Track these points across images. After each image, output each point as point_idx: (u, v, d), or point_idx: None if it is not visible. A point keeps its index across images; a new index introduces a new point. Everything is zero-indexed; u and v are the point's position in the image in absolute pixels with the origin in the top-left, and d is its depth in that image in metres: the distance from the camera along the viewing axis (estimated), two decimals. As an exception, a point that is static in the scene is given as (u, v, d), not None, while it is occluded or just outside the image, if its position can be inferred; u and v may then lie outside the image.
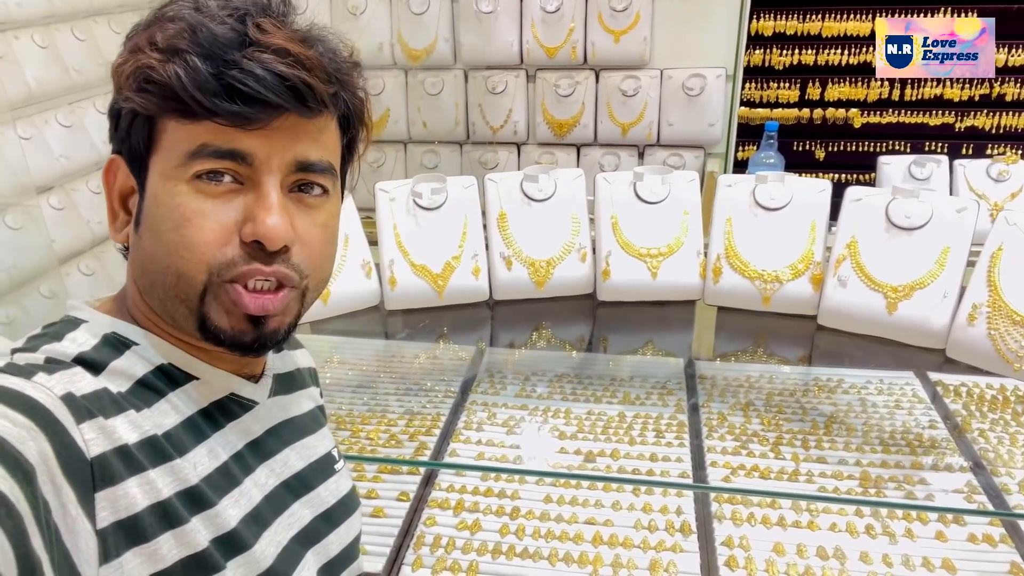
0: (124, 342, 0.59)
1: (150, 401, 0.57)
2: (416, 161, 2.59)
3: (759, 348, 1.64)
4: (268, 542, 0.63)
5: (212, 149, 0.55)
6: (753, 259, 1.46)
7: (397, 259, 1.49)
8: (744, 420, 1.58)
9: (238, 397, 0.66)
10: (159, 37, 0.55)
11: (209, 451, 0.60)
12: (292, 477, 0.70)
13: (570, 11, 2.36)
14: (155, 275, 0.58)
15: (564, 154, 2.54)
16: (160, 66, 0.54)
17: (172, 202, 0.56)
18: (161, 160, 0.57)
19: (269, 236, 0.56)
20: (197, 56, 0.53)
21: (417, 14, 2.40)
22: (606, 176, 1.54)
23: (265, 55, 0.54)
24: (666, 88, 2.41)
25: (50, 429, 0.47)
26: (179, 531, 0.54)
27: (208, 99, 0.53)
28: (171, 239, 0.56)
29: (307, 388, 0.80)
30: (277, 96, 0.54)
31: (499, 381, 1.71)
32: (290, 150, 0.57)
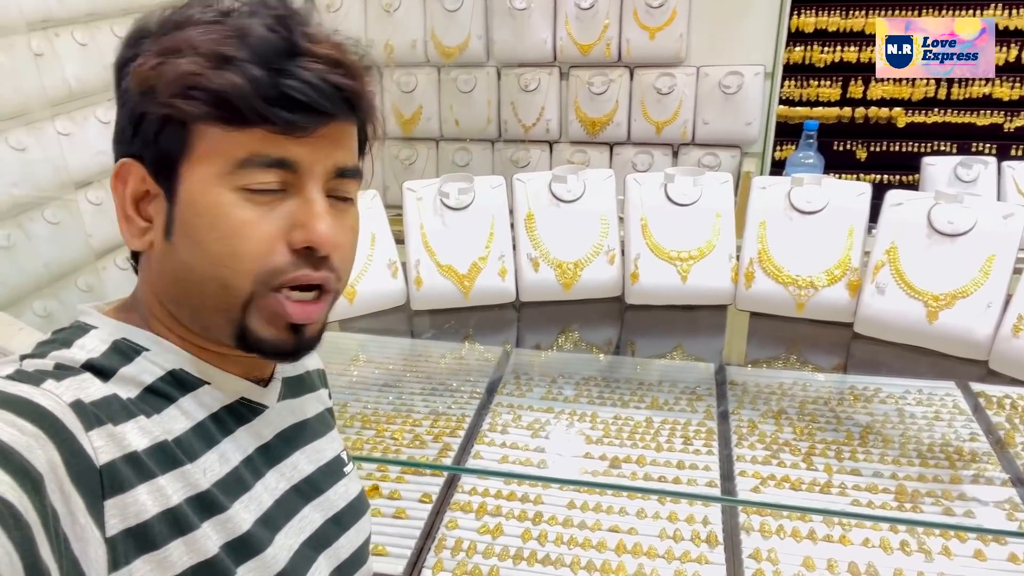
0: (134, 348, 0.58)
1: (160, 407, 0.57)
2: (448, 159, 2.59)
3: (792, 355, 1.59)
4: (280, 546, 0.63)
5: (262, 158, 0.55)
6: (787, 264, 1.42)
7: (423, 259, 1.48)
8: (776, 429, 1.54)
9: (248, 401, 0.65)
10: (200, 41, 0.54)
11: (220, 456, 0.60)
12: (302, 481, 0.70)
13: (605, 7, 2.33)
14: (192, 284, 0.57)
15: (597, 153, 2.51)
16: (212, 73, 0.53)
17: (217, 211, 0.55)
18: (200, 167, 0.55)
19: (322, 241, 0.56)
20: (252, 64, 0.53)
21: (451, 11, 2.39)
22: (636, 177, 1.52)
23: (317, 64, 0.55)
24: (702, 86, 2.37)
25: (59, 437, 0.47)
26: (189, 538, 0.54)
27: (265, 107, 0.53)
28: (217, 249, 0.55)
29: (316, 391, 0.79)
30: (332, 105, 0.55)
31: (525, 383, 1.69)
32: (331, 157, 0.58)
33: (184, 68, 0.53)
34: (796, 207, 1.43)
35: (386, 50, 2.47)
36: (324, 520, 0.71)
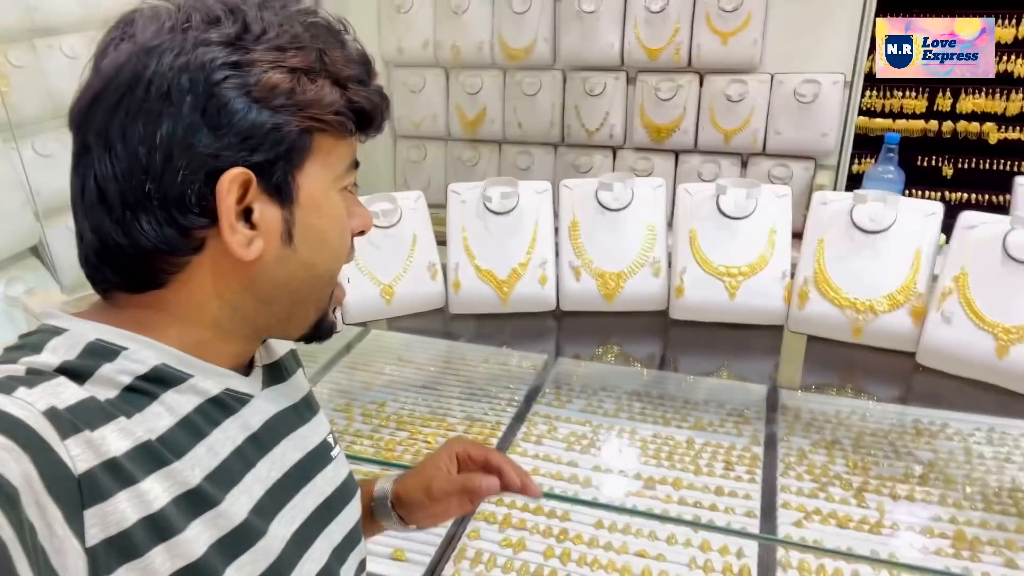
0: (111, 348, 0.56)
1: (141, 405, 0.55)
2: (510, 162, 2.57)
3: (848, 383, 1.49)
4: (274, 536, 0.62)
5: (355, 162, 0.64)
6: (846, 285, 1.33)
7: (463, 262, 1.46)
8: (827, 459, 1.45)
9: (233, 392, 0.64)
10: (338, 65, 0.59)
11: (208, 448, 0.59)
12: (292, 468, 0.68)
13: (676, 11, 2.26)
14: (307, 282, 0.62)
15: (661, 160, 2.44)
16: (355, 91, 0.60)
17: (336, 211, 0.62)
18: (318, 173, 0.60)
19: (369, 227, 0.68)
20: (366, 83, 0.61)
21: (518, 13, 2.37)
22: (688, 187, 1.45)
23: (375, 86, 0.62)
24: (776, 94, 2.27)
25: (33, 448, 0.46)
26: (172, 543, 0.53)
27: (377, 123, 0.63)
28: (339, 245, 0.63)
29: (296, 373, 0.78)
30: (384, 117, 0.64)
31: (565, 394, 1.65)
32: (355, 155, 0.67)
33: (333, 89, 0.59)
34: (858, 225, 1.33)
35: (452, 52, 2.47)
36: (316, 506, 0.70)
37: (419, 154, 2.67)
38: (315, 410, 0.78)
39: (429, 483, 0.88)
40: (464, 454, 0.90)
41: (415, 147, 2.68)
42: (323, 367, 1.79)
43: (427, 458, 0.92)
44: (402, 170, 2.71)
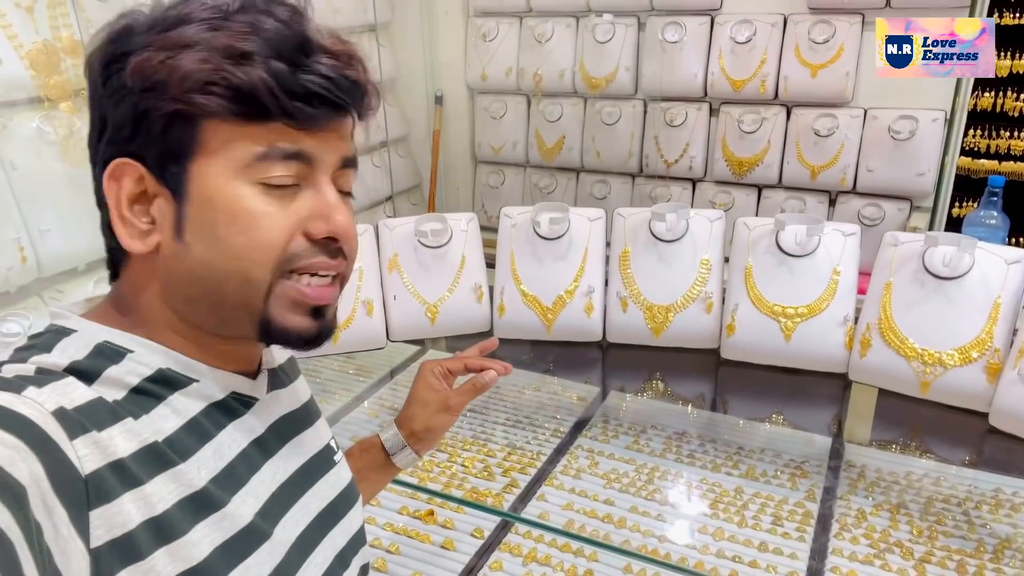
0: (118, 351, 0.57)
1: (148, 407, 0.56)
2: (586, 191, 2.54)
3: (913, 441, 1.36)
4: (277, 540, 0.62)
5: (281, 151, 0.56)
6: (913, 335, 1.22)
7: (508, 287, 1.44)
8: (889, 524, 1.33)
9: (239, 395, 0.65)
10: (209, 36, 0.53)
11: (215, 451, 0.59)
12: (296, 472, 0.69)
13: (763, 42, 2.18)
14: (211, 282, 0.57)
15: (742, 195, 2.35)
16: (231, 68, 0.53)
17: (237, 205, 0.55)
18: (215, 163, 0.55)
19: (343, 232, 0.59)
20: (275, 60, 0.54)
21: (601, 42, 2.36)
22: (747, 221, 1.38)
23: (331, 59, 0.56)
24: (869, 130, 2.14)
25: (41, 448, 0.46)
26: (174, 546, 0.53)
27: (290, 103, 0.54)
28: (239, 243, 0.55)
29: (297, 378, 0.79)
30: (345, 98, 0.57)
31: (613, 429, 1.60)
32: (338, 149, 0.60)
33: (199, 64, 0.53)
34: (930, 270, 1.22)
35: (535, 79, 2.49)
36: (320, 510, 0.70)
37: (498, 179, 2.69)
38: (317, 415, 0.78)
39: (446, 403, 0.99)
40: (444, 372, 1.00)
41: (494, 172, 2.70)
42: (376, 383, 1.81)
43: (418, 392, 1.00)
44: (480, 195, 2.73)
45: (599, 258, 1.45)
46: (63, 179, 1.53)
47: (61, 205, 1.54)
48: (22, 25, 1.47)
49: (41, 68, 1.51)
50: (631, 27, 2.34)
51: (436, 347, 1.91)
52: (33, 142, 1.50)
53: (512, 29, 2.51)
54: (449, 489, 1.43)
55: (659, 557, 1.26)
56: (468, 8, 2.59)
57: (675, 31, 2.25)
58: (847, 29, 2.08)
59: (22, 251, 1.49)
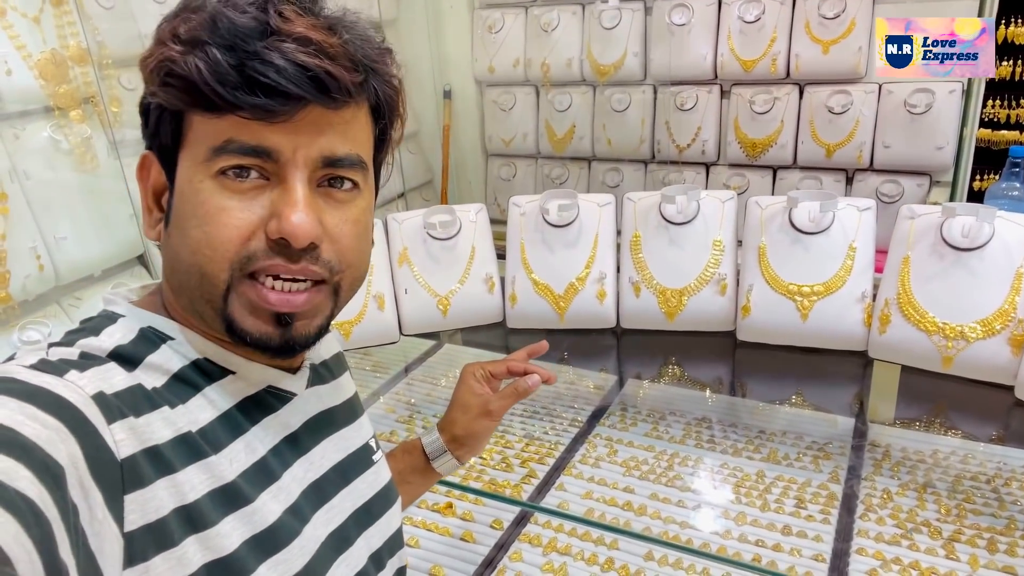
0: (160, 336, 0.58)
1: (185, 396, 0.56)
2: (598, 179, 2.52)
3: (937, 418, 1.33)
4: (308, 537, 0.62)
5: (237, 145, 0.54)
6: (933, 308, 1.19)
7: (519, 276, 1.43)
8: (916, 504, 1.30)
9: (276, 390, 0.64)
10: (182, 29, 0.54)
11: (246, 445, 0.59)
12: (331, 470, 0.68)
13: (772, 20, 2.14)
14: (182, 275, 0.57)
15: (757, 177, 2.31)
16: (181, 59, 0.53)
17: (197, 199, 0.55)
18: (188, 156, 0.56)
19: (295, 234, 0.54)
20: (218, 48, 0.52)
21: (607, 29, 2.34)
22: (759, 200, 1.36)
23: (286, 44, 0.52)
24: (884, 105, 2.09)
25: (80, 430, 0.46)
26: (203, 535, 0.53)
27: (229, 92, 0.52)
28: (195, 236, 0.55)
29: (342, 375, 0.78)
30: (298, 87, 0.52)
31: (631, 416, 1.58)
32: (315, 144, 0.55)
33: (164, 55, 0.54)
34: (949, 242, 1.19)
35: (543, 69, 2.47)
36: (355, 509, 0.69)
37: (509, 172, 2.68)
38: (359, 413, 0.78)
39: (486, 408, 0.94)
40: (486, 375, 0.97)
41: (505, 165, 2.69)
42: (391, 378, 1.81)
43: (459, 396, 0.97)
44: (492, 187, 2.72)
45: (610, 244, 1.44)
46: (77, 187, 1.55)
47: (76, 213, 1.55)
48: (29, 35, 1.48)
49: (50, 77, 1.52)
50: (637, 12, 2.31)
51: (451, 340, 1.91)
52: (45, 151, 1.52)
53: (518, 20, 2.50)
54: (467, 481, 1.43)
55: (681, 543, 1.24)
56: (473, 0, 2.57)
57: (682, 13, 2.22)
58: (858, 3, 2.04)
59: (39, 259, 1.50)
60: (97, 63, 1.60)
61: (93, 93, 1.60)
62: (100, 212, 1.62)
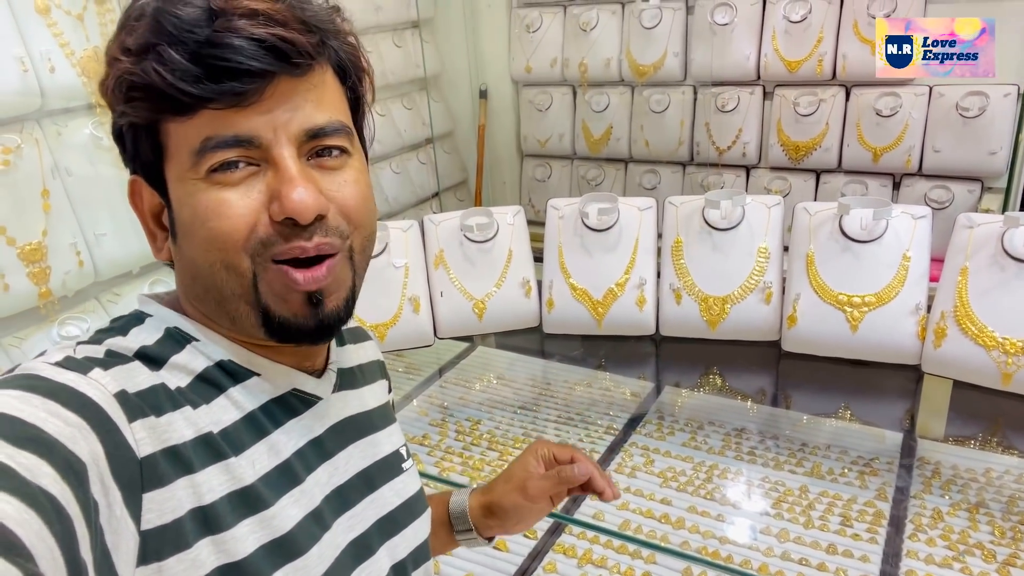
0: (185, 337, 0.58)
1: (209, 397, 0.56)
2: (635, 181, 2.48)
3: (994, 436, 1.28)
4: (328, 544, 0.60)
5: (216, 140, 0.53)
6: (992, 322, 1.14)
7: (557, 280, 1.40)
8: (968, 524, 1.25)
9: (301, 393, 0.63)
10: (129, 40, 0.53)
11: (269, 448, 0.59)
12: (355, 476, 0.67)
13: (819, 20, 2.09)
14: (204, 278, 0.57)
15: (800, 180, 2.26)
16: (137, 68, 0.52)
17: (193, 201, 0.54)
18: (174, 165, 0.55)
19: (299, 210, 0.53)
20: (168, 46, 0.51)
21: (648, 28, 2.30)
22: (808, 206, 1.31)
23: (236, 22, 0.51)
24: (935, 108, 2.03)
25: (102, 428, 0.47)
26: (218, 538, 0.52)
27: (194, 86, 0.51)
28: (203, 236, 0.55)
29: (375, 382, 0.76)
30: (260, 62, 0.51)
31: (668, 425, 1.55)
32: (294, 120, 0.55)
33: (120, 71, 0.53)
34: (1011, 253, 1.14)
35: (580, 69, 2.44)
36: (379, 517, 0.68)
37: (544, 172, 2.65)
38: (391, 420, 0.76)
39: (524, 484, 0.85)
40: (549, 456, 0.87)
41: (540, 165, 2.66)
42: (424, 381, 1.80)
43: (513, 465, 0.88)
44: (527, 189, 2.70)
45: (650, 249, 1.40)
46: (117, 184, 1.55)
47: (116, 210, 1.56)
48: (73, 32, 1.49)
49: (92, 75, 1.53)
50: (679, 11, 2.27)
51: (485, 343, 1.89)
52: (87, 148, 1.53)
53: (556, 19, 2.47)
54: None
55: (720, 560, 1.21)
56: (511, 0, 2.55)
57: (725, 13, 2.18)
58: (909, 3, 1.97)
59: (79, 255, 1.51)
60: (139, 61, 1.60)
61: (135, 90, 1.60)
62: (140, 209, 1.63)
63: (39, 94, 1.42)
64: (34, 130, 1.43)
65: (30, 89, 1.40)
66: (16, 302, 1.40)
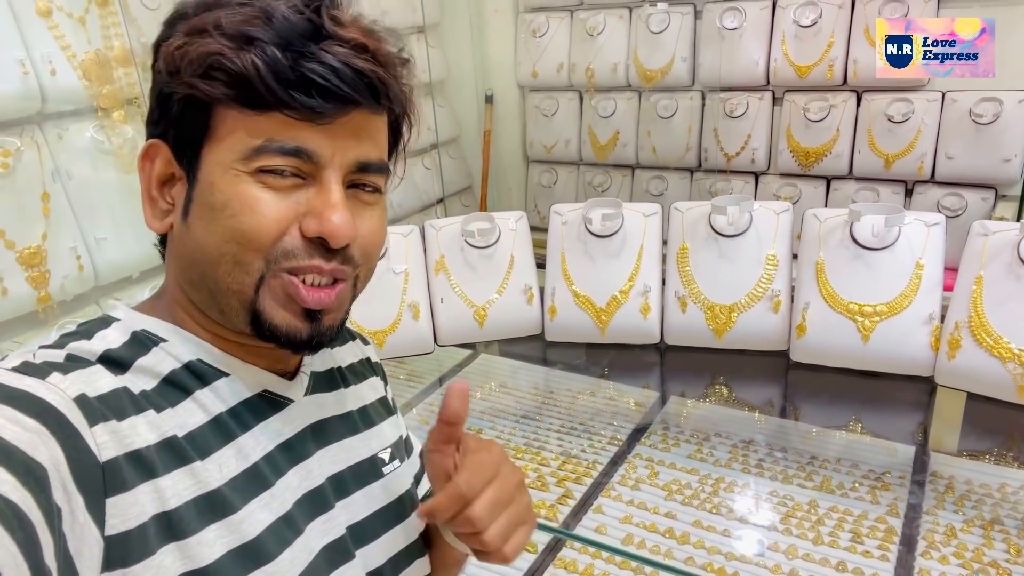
0: (152, 339, 0.57)
1: (175, 400, 0.56)
2: (642, 187, 2.46)
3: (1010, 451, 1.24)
4: (301, 548, 0.59)
5: (278, 145, 0.54)
6: (1009, 334, 1.10)
7: (559, 287, 1.38)
8: (983, 542, 1.21)
9: (271, 394, 0.62)
10: (226, 21, 0.53)
11: (237, 451, 0.58)
12: (328, 480, 0.65)
13: (830, 24, 2.06)
14: (206, 265, 0.56)
15: (810, 187, 2.22)
16: (233, 54, 0.52)
17: (233, 191, 0.55)
18: (220, 150, 0.55)
19: (336, 234, 0.55)
20: (274, 46, 0.52)
21: (655, 33, 2.27)
22: (817, 212, 1.28)
23: (342, 48, 0.54)
24: (948, 114, 1.99)
25: (62, 433, 0.46)
26: (184, 544, 0.51)
27: (284, 91, 0.52)
28: (229, 225, 0.55)
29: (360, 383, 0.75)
30: (354, 91, 0.54)
31: (673, 436, 1.51)
32: (353, 149, 0.57)
33: (207, 48, 0.53)
34: (1028, 262, 1.10)
35: (587, 74, 2.42)
36: (353, 523, 0.66)
37: (550, 178, 2.63)
38: (373, 423, 0.73)
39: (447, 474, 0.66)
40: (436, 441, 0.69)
41: (547, 171, 2.64)
42: (425, 389, 1.77)
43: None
44: (533, 194, 2.67)
45: (655, 256, 1.37)
46: (118, 188, 1.54)
47: (116, 214, 1.55)
48: (74, 35, 1.48)
49: (94, 78, 1.52)
50: (687, 15, 2.25)
51: (488, 351, 1.86)
52: (88, 152, 1.52)
53: (563, 24, 2.45)
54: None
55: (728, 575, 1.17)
56: (518, 4, 2.53)
57: (734, 17, 2.15)
58: (922, 5, 1.94)
59: (79, 260, 1.50)
60: (141, 64, 1.59)
61: (136, 94, 1.59)
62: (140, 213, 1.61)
63: (40, 97, 1.42)
64: (35, 133, 1.43)
65: (31, 92, 1.40)
66: (15, 306, 1.39)
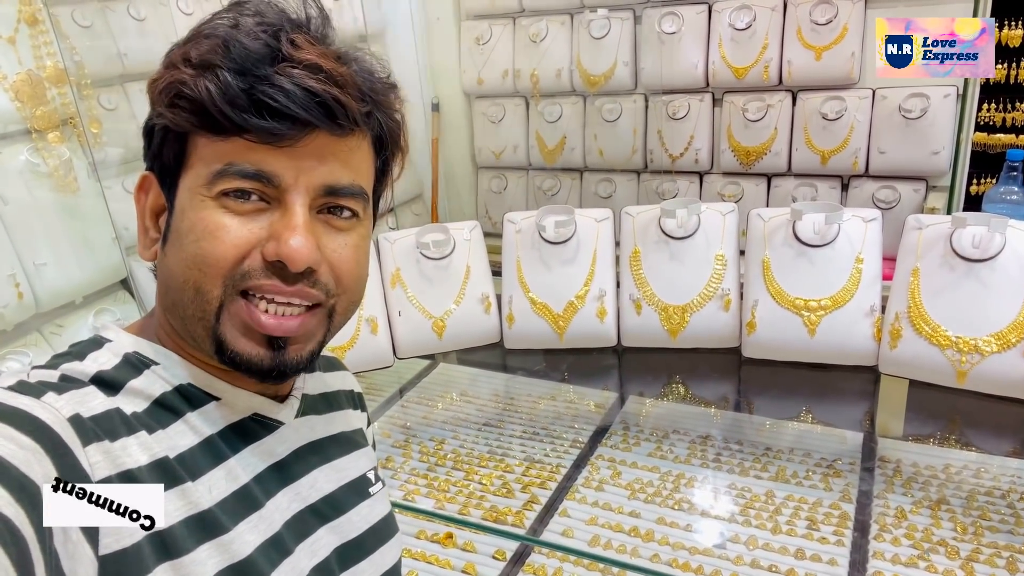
0: (144, 361, 0.58)
1: (166, 422, 0.56)
2: (590, 190, 2.49)
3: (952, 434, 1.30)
4: (289, 569, 0.60)
5: (238, 169, 0.54)
6: (946, 322, 1.16)
7: (516, 295, 1.39)
8: (931, 522, 1.27)
9: (262, 417, 0.63)
10: (193, 53, 0.55)
11: (227, 473, 0.58)
12: (319, 501, 0.66)
13: (764, 27, 2.12)
14: (176, 292, 0.57)
15: (752, 185, 2.28)
16: (192, 81, 0.54)
17: (196, 216, 0.55)
18: (191, 176, 0.56)
19: (292, 257, 0.55)
20: (228, 71, 0.53)
21: (597, 38, 2.31)
22: (761, 212, 1.32)
23: (296, 70, 0.54)
24: (879, 110, 2.07)
25: (56, 451, 0.46)
26: (178, 563, 0.52)
27: (237, 114, 0.53)
28: (192, 251, 0.55)
29: (344, 409, 0.76)
30: (307, 112, 0.54)
31: (633, 436, 1.54)
32: (317, 172, 0.56)
33: (173, 78, 0.55)
34: (960, 253, 1.16)
35: (532, 80, 2.44)
36: (343, 542, 0.67)
37: (500, 184, 2.64)
38: (361, 445, 0.76)
39: None
40: None
41: (496, 177, 2.65)
42: (386, 401, 1.76)
43: None
44: (484, 201, 2.68)
45: (609, 260, 1.40)
46: (56, 211, 1.49)
47: (56, 237, 1.50)
48: (4, 56, 1.43)
49: (27, 99, 1.47)
50: (627, 20, 2.28)
51: (447, 360, 1.87)
52: (23, 175, 1.46)
53: (506, 31, 2.46)
54: (468, 510, 1.38)
55: (691, 572, 1.20)
56: (460, 12, 2.54)
57: (672, 22, 2.20)
58: (850, 8, 2.02)
59: (18, 287, 1.45)
60: (75, 83, 1.55)
61: (72, 114, 1.55)
62: (81, 236, 1.57)
63: (-32, 120, 1.37)
64: (-35, 157, 1.37)
65: (-41, 115, 1.35)
66: (-50, 339, 1.34)
